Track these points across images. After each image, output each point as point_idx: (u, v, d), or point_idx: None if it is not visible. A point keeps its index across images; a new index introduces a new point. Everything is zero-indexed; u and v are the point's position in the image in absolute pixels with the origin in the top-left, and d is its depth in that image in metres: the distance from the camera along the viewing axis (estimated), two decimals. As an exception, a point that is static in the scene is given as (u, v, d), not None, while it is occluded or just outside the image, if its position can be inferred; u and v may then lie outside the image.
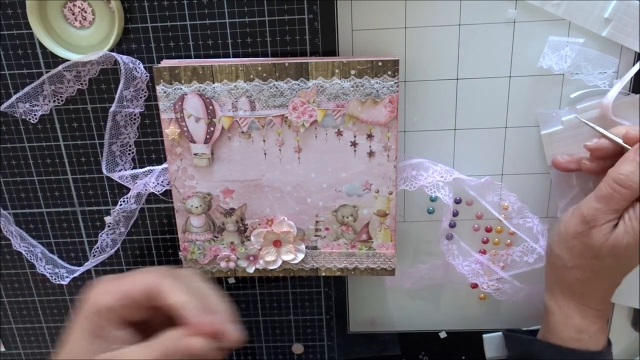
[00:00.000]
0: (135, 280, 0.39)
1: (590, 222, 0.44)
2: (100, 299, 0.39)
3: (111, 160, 0.51)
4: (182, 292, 0.38)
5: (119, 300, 0.38)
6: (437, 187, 0.50)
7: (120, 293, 0.38)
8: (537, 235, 0.52)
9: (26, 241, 0.56)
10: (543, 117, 0.49)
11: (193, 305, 0.37)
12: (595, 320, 0.48)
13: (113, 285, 0.39)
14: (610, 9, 0.45)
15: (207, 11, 0.47)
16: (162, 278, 0.38)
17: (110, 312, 0.38)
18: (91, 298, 0.39)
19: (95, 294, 0.39)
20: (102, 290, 0.39)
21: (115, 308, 0.38)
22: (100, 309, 0.38)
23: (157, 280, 0.38)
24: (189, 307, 0.37)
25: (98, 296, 0.39)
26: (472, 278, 0.53)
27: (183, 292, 0.38)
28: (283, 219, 0.50)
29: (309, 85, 0.46)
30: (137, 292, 0.38)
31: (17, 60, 0.49)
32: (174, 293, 0.38)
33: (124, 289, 0.39)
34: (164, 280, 0.38)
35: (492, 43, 0.48)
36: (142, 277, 0.39)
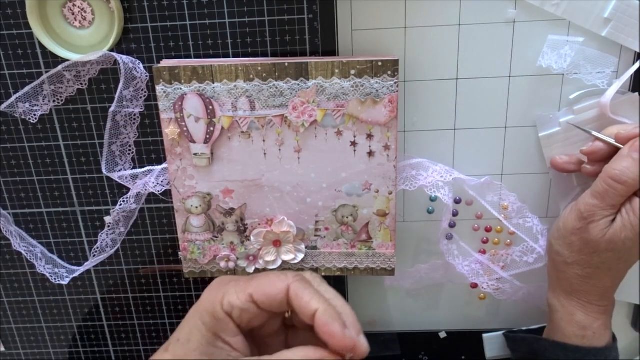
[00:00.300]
0: (266, 282, 0.38)
1: (587, 217, 0.45)
2: (228, 298, 0.38)
3: (111, 160, 0.51)
4: (318, 299, 0.37)
5: (247, 302, 0.38)
6: (437, 187, 0.50)
7: (256, 292, 0.38)
8: (537, 235, 0.52)
9: (26, 241, 0.56)
10: (541, 119, 0.50)
11: (330, 314, 0.36)
12: (598, 317, 0.48)
13: (240, 285, 0.38)
14: (610, 9, 0.45)
15: (207, 11, 0.47)
16: (295, 281, 0.37)
17: (236, 312, 0.38)
18: (216, 297, 0.38)
19: (222, 293, 0.38)
20: (231, 290, 0.38)
21: (241, 309, 0.37)
22: (226, 309, 0.38)
23: (290, 283, 0.37)
24: (327, 315, 0.36)
25: (226, 295, 0.38)
26: (472, 278, 0.53)
27: (318, 298, 0.37)
28: (283, 219, 0.50)
29: (309, 85, 0.46)
30: (274, 290, 0.37)
31: (17, 60, 0.49)
32: (311, 299, 0.36)
33: (260, 288, 0.38)
34: (298, 284, 0.37)
35: (492, 43, 0.48)
36: (273, 279, 0.38)
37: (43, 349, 0.61)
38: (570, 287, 0.48)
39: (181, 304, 0.59)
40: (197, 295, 0.58)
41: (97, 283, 0.58)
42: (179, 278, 0.57)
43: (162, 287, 0.58)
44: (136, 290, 0.58)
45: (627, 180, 0.43)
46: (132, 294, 0.58)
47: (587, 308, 0.48)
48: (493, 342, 0.57)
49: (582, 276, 0.47)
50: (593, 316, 0.48)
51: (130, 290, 0.58)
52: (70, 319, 0.60)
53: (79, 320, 0.60)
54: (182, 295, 0.58)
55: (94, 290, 0.58)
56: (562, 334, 0.49)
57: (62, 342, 0.61)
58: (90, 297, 0.59)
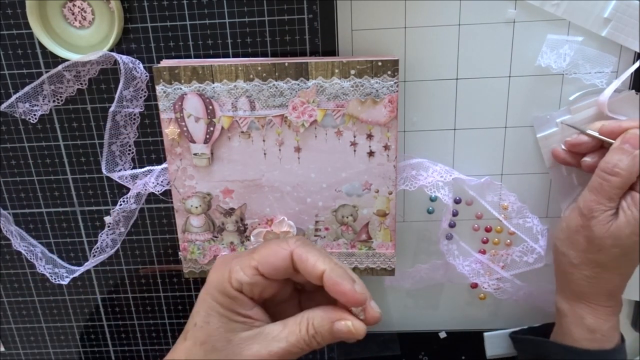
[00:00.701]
0: (269, 252, 0.38)
1: (587, 214, 0.45)
2: (235, 276, 0.38)
3: (111, 160, 0.51)
4: (323, 259, 0.37)
5: (253, 275, 0.38)
6: (437, 187, 0.50)
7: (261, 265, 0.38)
8: (536, 235, 0.52)
9: (26, 241, 0.56)
10: (538, 120, 0.50)
11: (337, 272, 0.36)
12: (607, 318, 0.48)
13: (244, 260, 0.38)
14: (610, 9, 0.45)
15: (207, 11, 0.47)
16: (297, 246, 0.38)
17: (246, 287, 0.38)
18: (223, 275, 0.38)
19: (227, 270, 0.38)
20: (235, 267, 0.38)
21: (250, 284, 0.38)
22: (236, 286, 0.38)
23: (292, 249, 0.38)
24: (335, 274, 0.36)
25: (232, 273, 0.38)
26: (472, 278, 0.53)
27: (323, 259, 0.37)
28: (283, 219, 0.50)
29: (309, 85, 0.46)
30: (279, 260, 0.37)
31: (17, 60, 0.49)
32: (316, 260, 0.37)
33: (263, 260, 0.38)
34: (301, 248, 0.38)
35: (492, 43, 0.48)
36: (275, 249, 0.38)
37: (43, 349, 0.61)
38: (579, 289, 0.48)
39: (181, 304, 0.59)
40: (197, 295, 0.58)
41: (97, 283, 0.58)
42: (179, 278, 0.57)
43: (162, 287, 0.58)
44: (136, 290, 0.58)
45: (620, 172, 0.43)
46: (132, 294, 0.58)
47: (597, 311, 0.47)
48: (494, 341, 0.57)
49: (590, 277, 0.46)
50: (602, 318, 0.47)
51: (130, 290, 0.58)
52: (70, 319, 0.60)
53: (79, 320, 0.60)
54: (182, 295, 0.58)
55: (94, 290, 0.58)
56: (571, 337, 0.48)
57: (62, 342, 0.61)
58: (90, 297, 0.59)
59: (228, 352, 0.38)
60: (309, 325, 0.37)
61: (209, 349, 0.38)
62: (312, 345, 0.37)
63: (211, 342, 0.38)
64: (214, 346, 0.38)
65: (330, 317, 0.37)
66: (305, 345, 0.37)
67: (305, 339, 0.37)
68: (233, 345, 0.38)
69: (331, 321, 0.37)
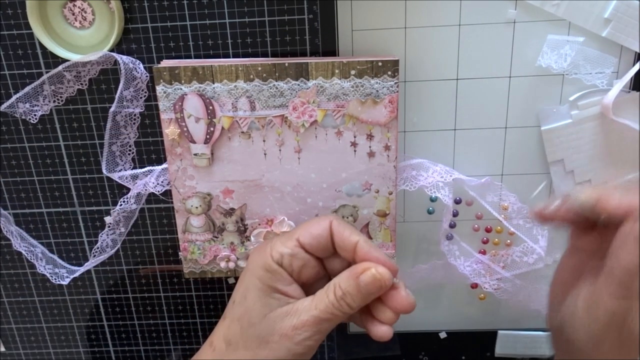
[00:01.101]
0: (309, 225, 0.40)
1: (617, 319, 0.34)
2: (277, 249, 0.39)
3: (111, 160, 0.51)
4: (357, 232, 0.40)
5: (294, 247, 0.39)
6: (437, 187, 0.50)
7: (302, 235, 0.40)
8: (537, 235, 0.52)
9: (26, 241, 0.56)
10: (544, 113, 0.49)
11: (370, 244, 0.39)
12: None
13: (285, 235, 0.40)
14: (610, 9, 0.45)
15: (207, 11, 0.47)
16: (335, 218, 0.40)
17: (286, 259, 0.39)
18: (264, 251, 0.40)
19: (269, 247, 0.40)
20: (277, 242, 0.40)
21: (291, 256, 0.39)
22: (277, 259, 0.39)
23: (331, 219, 0.40)
24: (368, 244, 0.39)
25: (274, 247, 0.40)
26: (473, 278, 0.53)
27: (357, 232, 0.40)
28: (283, 219, 0.50)
29: (309, 86, 0.46)
30: (319, 229, 0.40)
31: (17, 60, 0.49)
32: (351, 233, 0.39)
33: (304, 230, 0.40)
34: (338, 220, 0.40)
35: (492, 43, 0.48)
36: (314, 220, 0.41)
37: (43, 349, 0.61)
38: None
39: (181, 304, 0.59)
40: (197, 295, 0.58)
41: (97, 283, 0.58)
42: (179, 278, 0.57)
43: (162, 287, 0.58)
44: (136, 290, 0.58)
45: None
46: (132, 294, 0.58)
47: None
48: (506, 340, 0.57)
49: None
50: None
51: (130, 290, 0.58)
52: (70, 319, 0.60)
53: (79, 320, 0.60)
54: (182, 295, 0.58)
55: (94, 290, 0.58)
56: None
57: (63, 342, 0.61)
58: (90, 297, 0.59)
59: (262, 326, 0.39)
60: (336, 289, 0.38)
61: (246, 325, 0.39)
62: (344, 309, 0.38)
63: (247, 317, 0.39)
64: (249, 321, 0.39)
65: (354, 273, 0.38)
66: (336, 310, 0.38)
67: (334, 303, 0.38)
68: (268, 319, 0.39)
69: (356, 276, 0.38)
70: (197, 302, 0.58)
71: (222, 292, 0.58)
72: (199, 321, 0.59)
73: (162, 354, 0.61)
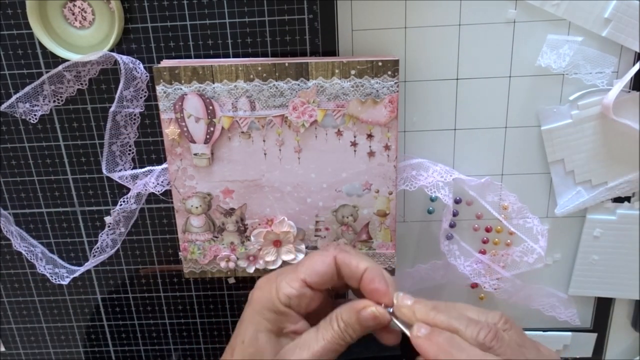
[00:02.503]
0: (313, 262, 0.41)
1: None
2: (284, 291, 0.40)
3: (111, 160, 0.51)
4: (363, 259, 0.40)
5: (301, 288, 0.40)
6: (437, 187, 0.50)
7: (308, 275, 0.40)
8: (537, 235, 0.52)
9: (26, 241, 0.56)
10: (544, 112, 0.49)
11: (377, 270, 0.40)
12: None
13: (290, 275, 0.41)
14: (610, 9, 0.45)
15: (207, 11, 0.47)
16: (339, 252, 0.41)
17: (294, 300, 0.40)
18: (270, 292, 0.40)
19: (274, 288, 0.40)
20: (282, 283, 0.40)
21: (298, 296, 0.40)
22: (284, 302, 0.40)
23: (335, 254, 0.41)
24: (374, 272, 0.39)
25: (280, 289, 0.40)
26: (474, 278, 0.53)
27: (363, 258, 0.40)
28: (283, 219, 0.50)
29: (309, 85, 0.46)
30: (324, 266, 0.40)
31: (17, 60, 0.49)
32: (358, 261, 0.40)
33: (310, 270, 0.40)
34: (342, 253, 0.41)
35: (492, 43, 0.48)
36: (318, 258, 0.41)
37: (43, 349, 0.61)
38: None
39: (181, 304, 0.59)
40: (197, 295, 0.58)
41: (97, 283, 0.58)
42: (179, 278, 0.57)
43: (162, 287, 0.58)
44: (136, 290, 0.58)
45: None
46: (132, 294, 0.58)
47: None
48: None
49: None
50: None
51: (130, 290, 0.58)
52: (70, 319, 0.60)
53: (79, 320, 0.60)
54: (182, 295, 0.58)
55: (94, 290, 0.58)
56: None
57: (63, 342, 0.61)
58: (90, 297, 0.59)
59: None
60: (338, 321, 0.39)
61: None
62: (347, 339, 0.40)
63: (259, 357, 0.40)
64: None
65: (355, 308, 0.39)
66: (341, 340, 0.40)
67: (339, 334, 0.39)
68: (279, 356, 0.40)
69: (357, 311, 0.39)
70: (197, 302, 0.58)
71: (222, 292, 0.58)
72: (199, 321, 0.59)
73: (162, 354, 0.61)
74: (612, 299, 0.56)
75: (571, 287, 0.55)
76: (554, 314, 0.56)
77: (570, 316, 0.56)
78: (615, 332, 0.57)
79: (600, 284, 0.55)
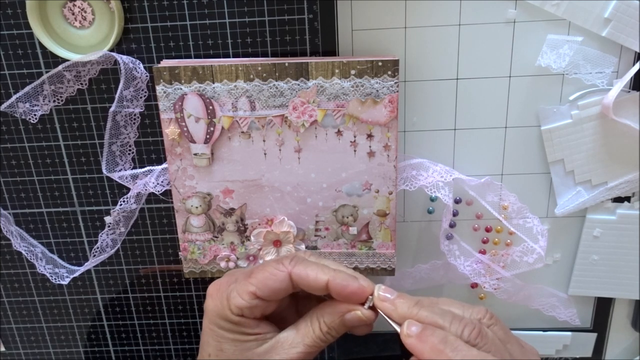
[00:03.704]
0: (266, 276, 0.38)
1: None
2: (234, 302, 0.38)
3: (111, 160, 0.51)
4: (322, 270, 0.38)
5: (252, 300, 0.38)
6: (437, 187, 0.50)
7: (259, 289, 0.38)
8: (537, 235, 0.52)
9: (26, 241, 0.56)
10: (544, 112, 0.49)
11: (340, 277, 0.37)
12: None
13: (241, 285, 0.38)
14: (610, 9, 0.45)
15: (207, 11, 0.47)
16: (294, 266, 0.38)
17: (247, 311, 0.38)
18: (222, 303, 0.39)
19: (225, 297, 0.39)
20: (233, 293, 0.38)
21: (250, 307, 0.38)
22: (237, 312, 0.38)
23: (290, 270, 0.38)
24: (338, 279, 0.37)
25: (231, 299, 0.38)
26: (474, 278, 0.53)
27: (322, 269, 0.38)
28: (283, 219, 0.50)
29: (309, 85, 0.46)
30: (277, 282, 0.38)
31: (17, 60, 0.49)
32: (317, 273, 0.38)
33: (261, 284, 0.38)
34: (298, 267, 0.38)
35: (492, 43, 0.48)
36: (272, 272, 0.38)
37: (43, 349, 0.61)
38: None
39: (181, 304, 0.59)
40: (197, 295, 0.58)
41: (97, 283, 0.58)
42: (179, 278, 0.57)
43: (162, 287, 0.58)
44: (136, 290, 0.58)
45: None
46: (132, 294, 0.58)
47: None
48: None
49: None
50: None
51: (130, 290, 0.58)
52: (70, 319, 0.60)
53: (79, 320, 0.60)
54: (182, 295, 0.58)
55: (94, 290, 0.58)
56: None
57: (63, 342, 0.61)
58: (90, 297, 0.59)
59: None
60: (320, 324, 0.38)
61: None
62: (329, 340, 0.39)
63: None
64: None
65: (339, 311, 0.38)
66: (322, 342, 0.39)
67: (321, 337, 0.38)
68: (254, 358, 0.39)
69: (341, 314, 0.38)
70: (197, 302, 0.58)
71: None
72: (199, 321, 0.59)
73: (162, 354, 0.61)
74: (612, 299, 0.56)
75: (571, 287, 0.55)
76: (554, 314, 0.56)
77: (570, 316, 0.56)
78: (615, 332, 0.57)
79: (600, 284, 0.55)
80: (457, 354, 0.33)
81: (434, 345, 0.34)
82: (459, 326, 0.35)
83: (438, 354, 0.34)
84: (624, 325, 0.57)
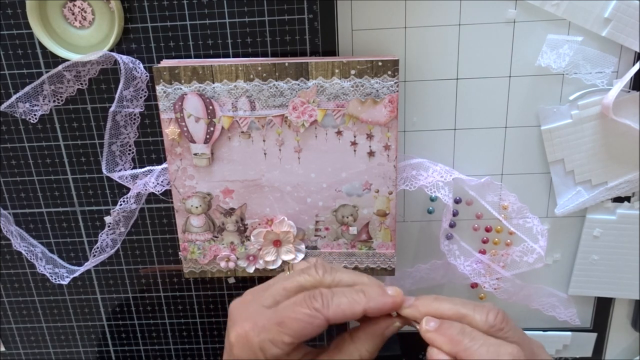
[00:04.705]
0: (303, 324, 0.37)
1: None
2: (271, 352, 0.37)
3: (111, 160, 0.51)
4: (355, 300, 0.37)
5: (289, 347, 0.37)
6: (437, 187, 0.50)
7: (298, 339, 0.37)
8: (537, 235, 0.52)
9: (26, 241, 0.56)
10: (544, 112, 0.49)
11: (374, 298, 0.37)
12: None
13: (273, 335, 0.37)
14: (610, 9, 0.45)
15: (207, 11, 0.47)
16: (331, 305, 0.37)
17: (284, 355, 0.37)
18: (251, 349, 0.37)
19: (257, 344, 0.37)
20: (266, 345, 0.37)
21: (288, 353, 0.37)
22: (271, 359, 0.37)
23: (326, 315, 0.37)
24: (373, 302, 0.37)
25: (265, 349, 0.37)
26: (473, 278, 0.53)
27: (355, 299, 0.37)
28: (283, 218, 0.50)
29: (309, 85, 0.46)
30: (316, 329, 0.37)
31: (17, 60, 0.49)
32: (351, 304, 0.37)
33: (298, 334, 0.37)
34: (333, 309, 0.37)
35: (492, 43, 0.48)
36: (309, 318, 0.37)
37: (43, 349, 0.61)
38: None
39: (181, 304, 0.59)
40: (197, 295, 0.58)
41: (97, 283, 0.58)
42: (179, 278, 0.57)
43: (162, 287, 0.58)
44: (136, 290, 0.58)
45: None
46: (132, 294, 0.58)
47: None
48: None
49: None
50: None
51: (130, 290, 0.58)
52: (70, 319, 0.60)
53: (79, 320, 0.60)
54: (182, 295, 0.58)
55: (94, 290, 0.58)
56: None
57: (63, 342, 0.61)
58: (91, 297, 0.59)
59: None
60: (362, 353, 0.38)
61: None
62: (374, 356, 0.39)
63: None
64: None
65: (377, 334, 0.38)
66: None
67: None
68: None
69: (381, 335, 0.38)
70: (197, 302, 0.58)
71: (222, 292, 0.58)
72: (199, 321, 0.59)
73: (162, 354, 0.61)
74: (612, 298, 0.56)
75: (571, 287, 0.55)
76: (554, 313, 0.56)
77: (570, 316, 0.56)
78: (615, 332, 0.57)
79: (600, 284, 0.55)
80: (475, 343, 0.34)
81: (452, 337, 0.35)
82: (482, 312, 0.36)
83: (457, 344, 0.35)
84: (624, 325, 0.57)
